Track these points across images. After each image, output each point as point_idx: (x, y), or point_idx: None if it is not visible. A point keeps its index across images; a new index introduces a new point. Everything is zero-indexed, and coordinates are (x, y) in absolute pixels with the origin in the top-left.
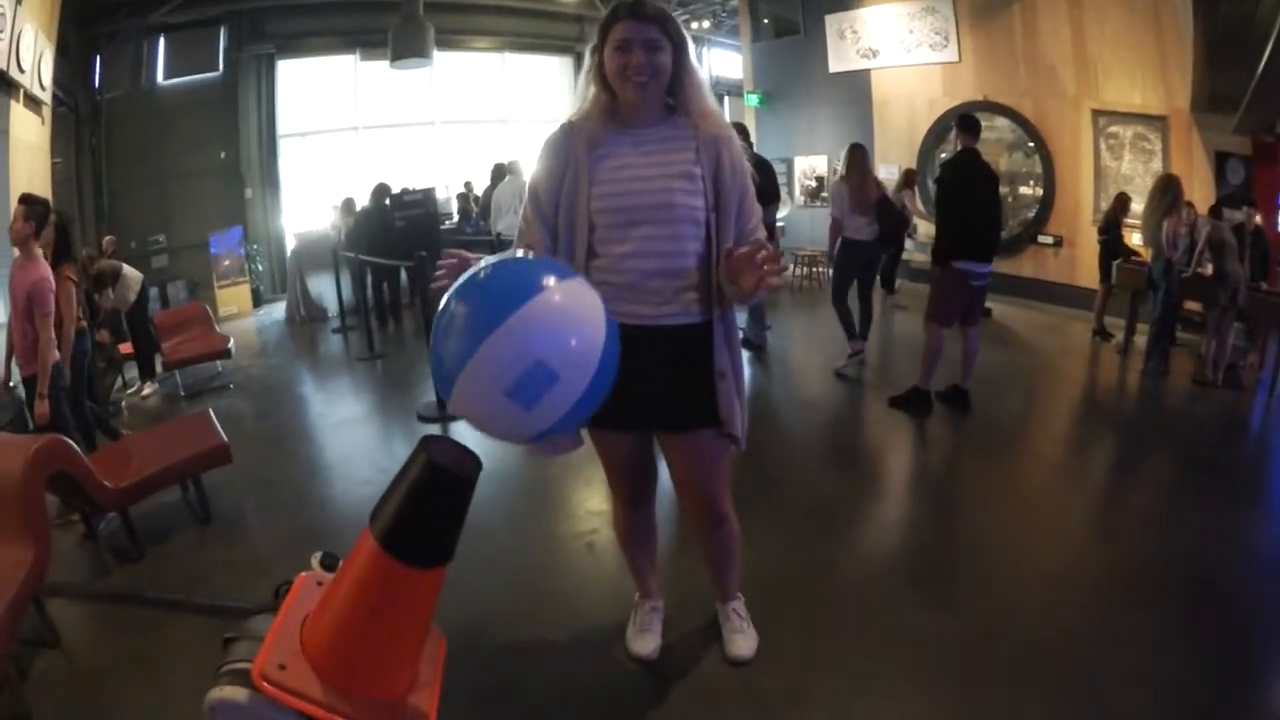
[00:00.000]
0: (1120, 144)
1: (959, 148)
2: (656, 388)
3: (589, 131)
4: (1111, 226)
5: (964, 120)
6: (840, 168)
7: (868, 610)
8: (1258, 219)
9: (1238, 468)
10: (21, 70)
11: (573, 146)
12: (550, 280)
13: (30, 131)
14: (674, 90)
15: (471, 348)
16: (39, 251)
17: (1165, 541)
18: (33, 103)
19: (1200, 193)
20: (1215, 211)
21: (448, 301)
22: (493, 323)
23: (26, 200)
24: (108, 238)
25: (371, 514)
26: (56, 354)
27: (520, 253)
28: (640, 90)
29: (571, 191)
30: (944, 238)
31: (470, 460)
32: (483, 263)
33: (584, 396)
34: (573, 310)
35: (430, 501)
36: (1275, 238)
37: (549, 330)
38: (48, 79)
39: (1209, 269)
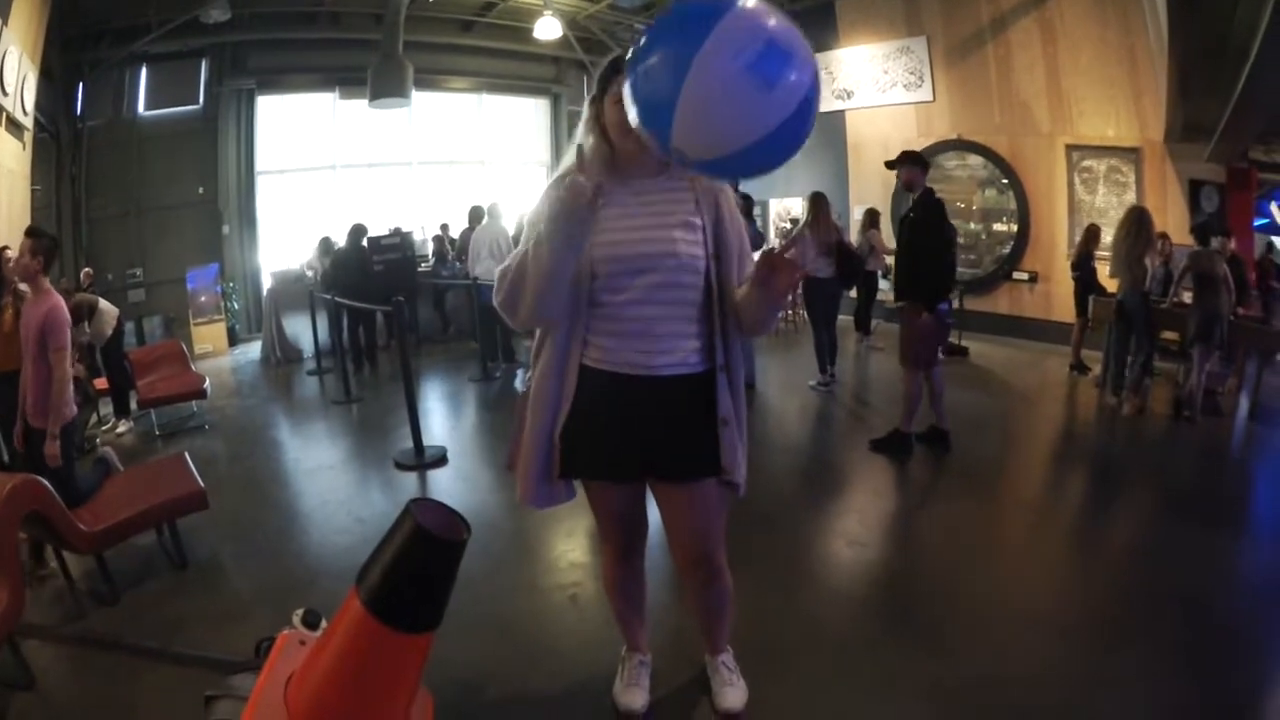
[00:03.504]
0: (1094, 177)
1: (916, 187)
2: (656, 437)
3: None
4: (1084, 260)
5: (913, 156)
6: (804, 215)
7: (857, 658)
8: (1232, 245)
9: (1221, 495)
10: (5, 93)
11: None
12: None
13: (11, 156)
14: None
15: (701, 35)
16: (48, 284)
17: (1153, 573)
18: (14, 127)
19: (1174, 222)
20: (1202, 239)
21: (653, 33)
22: (720, 11)
23: (33, 233)
24: (85, 270)
25: (358, 575)
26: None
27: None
28: (640, 142)
29: None
30: (926, 280)
31: (459, 524)
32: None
33: (808, 96)
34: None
35: (419, 567)
36: (1252, 263)
37: (770, 18)
38: (30, 103)
39: (1185, 297)
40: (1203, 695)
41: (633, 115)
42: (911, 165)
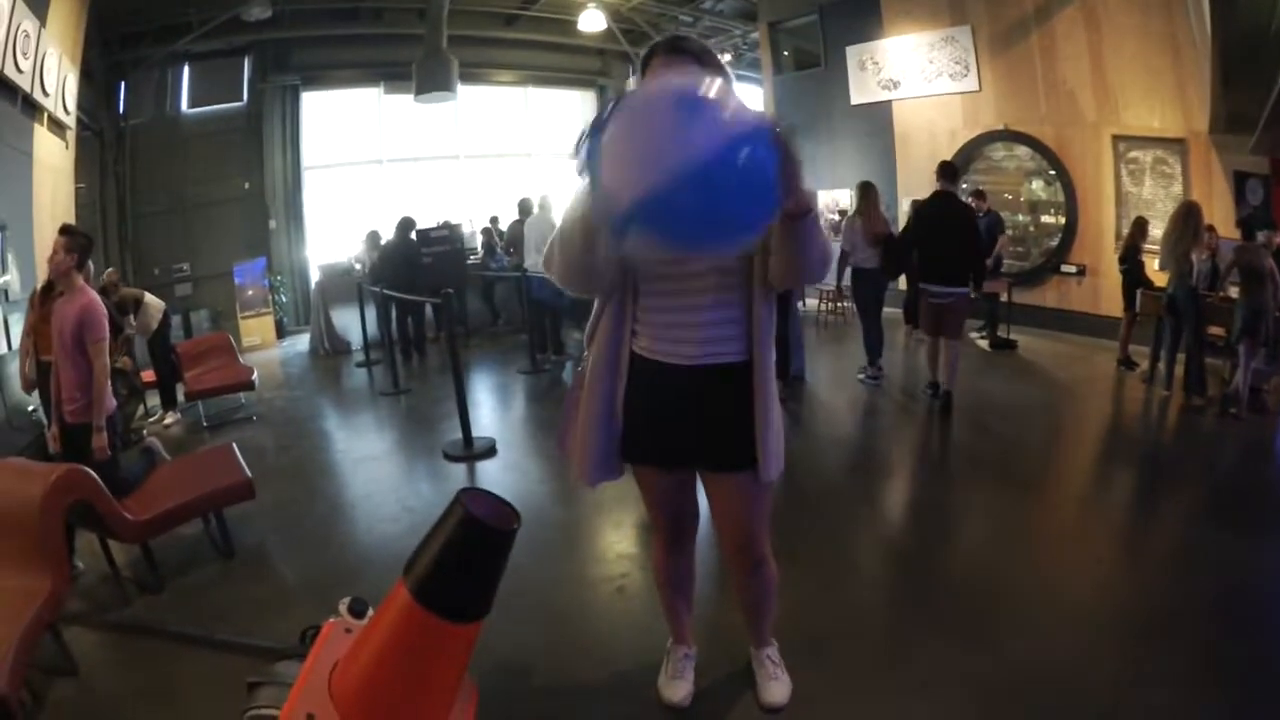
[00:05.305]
0: (1141, 169)
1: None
2: (701, 427)
3: None
4: (1131, 254)
5: (942, 165)
6: (853, 204)
7: (901, 652)
8: (1278, 240)
9: (1268, 495)
10: (45, 94)
11: None
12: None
13: (54, 155)
14: None
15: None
16: (82, 282)
17: (1196, 574)
18: (56, 126)
19: (1220, 214)
20: (1247, 233)
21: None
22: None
23: (67, 231)
24: (109, 270)
25: (406, 565)
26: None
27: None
28: None
29: None
30: (915, 263)
31: (509, 513)
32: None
33: (737, 140)
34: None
35: (469, 557)
36: None
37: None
38: (71, 103)
39: (1232, 291)
40: (1246, 700)
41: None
42: (936, 172)
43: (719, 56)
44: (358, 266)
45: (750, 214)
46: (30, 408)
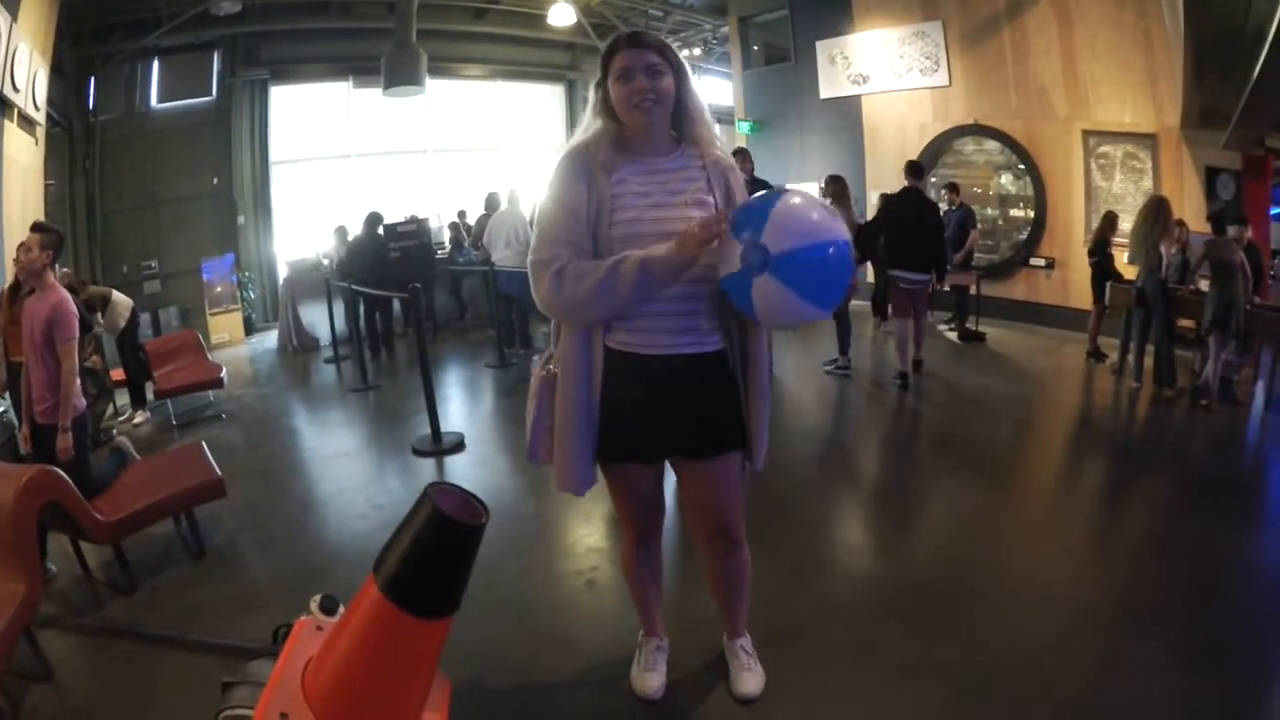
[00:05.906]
0: (1111, 164)
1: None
2: (683, 417)
3: (603, 158)
4: (1100, 247)
5: (909, 164)
6: (825, 198)
7: (875, 643)
8: (1248, 234)
9: (1237, 485)
10: (16, 89)
11: (590, 171)
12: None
13: (24, 152)
14: (678, 120)
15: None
16: (53, 280)
17: (1169, 563)
18: (26, 123)
19: (1191, 209)
20: (1217, 227)
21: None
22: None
23: (41, 228)
24: (64, 270)
25: (375, 561)
26: (79, 384)
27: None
28: (647, 115)
29: (594, 217)
30: (884, 251)
31: (478, 507)
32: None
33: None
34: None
35: (437, 552)
36: (1266, 252)
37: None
38: (42, 99)
39: (1201, 284)
40: (1217, 686)
41: (733, 233)
42: (904, 170)
43: (679, 51)
44: (325, 262)
45: (841, 285)
46: (1, 409)
